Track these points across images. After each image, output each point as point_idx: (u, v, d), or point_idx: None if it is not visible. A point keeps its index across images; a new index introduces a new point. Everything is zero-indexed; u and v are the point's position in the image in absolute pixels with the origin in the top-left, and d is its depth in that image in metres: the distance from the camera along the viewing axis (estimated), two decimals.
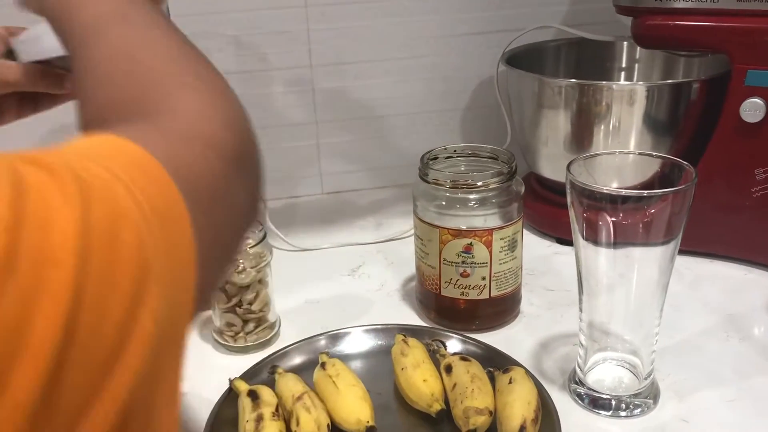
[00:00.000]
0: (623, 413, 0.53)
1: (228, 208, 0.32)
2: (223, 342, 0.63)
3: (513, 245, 0.62)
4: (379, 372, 0.58)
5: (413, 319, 0.67)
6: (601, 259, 0.51)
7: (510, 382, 0.51)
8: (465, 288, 0.62)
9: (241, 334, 0.62)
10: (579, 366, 0.55)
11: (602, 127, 0.74)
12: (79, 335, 0.20)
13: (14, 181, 0.21)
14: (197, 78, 0.36)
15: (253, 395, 0.51)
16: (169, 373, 0.25)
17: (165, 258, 0.24)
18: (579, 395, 0.55)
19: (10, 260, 0.19)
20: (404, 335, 0.59)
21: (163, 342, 0.24)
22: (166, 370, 0.25)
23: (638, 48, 0.87)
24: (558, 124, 0.76)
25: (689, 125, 0.74)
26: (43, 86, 0.55)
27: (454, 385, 0.52)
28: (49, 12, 0.42)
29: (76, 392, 0.20)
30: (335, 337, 0.61)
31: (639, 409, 0.53)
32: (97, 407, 0.21)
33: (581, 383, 0.55)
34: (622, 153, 0.56)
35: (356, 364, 0.59)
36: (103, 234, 0.22)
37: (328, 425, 0.50)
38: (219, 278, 0.34)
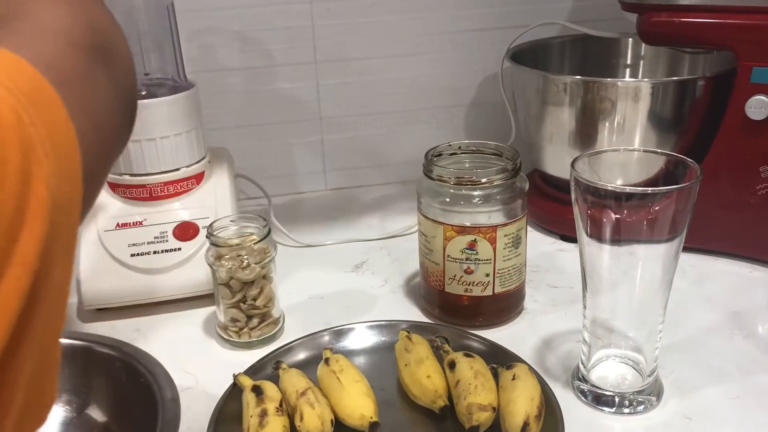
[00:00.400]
0: (626, 410, 0.53)
1: (99, 98, 0.34)
2: (227, 337, 0.63)
3: (517, 242, 0.62)
4: (383, 368, 0.58)
5: (417, 315, 0.67)
6: (605, 256, 0.51)
7: (513, 379, 0.51)
8: (469, 285, 0.62)
9: (245, 330, 0.62)
10: (582, 363, 0.55)
11: (607, 124, 0.74)
12: None
13: None
14: None
15: (257, 390, 0.52)
16: (63, 255, 0.27)
17: (46, 135, 0.26)
18: (582, 392, 0.55)
19: None
20: (408, 331, 0.59)
21: (58, 213, 0.25)
22: (61, 248, 0.26)
23: (643, 45, 0.87)
24: (562, 121, 0.76)
25: (694, 122, 0.74)
26: None
27: (458, 381, 0.52)
28: None
29: None
30: (339, 333, 0.61)
31: (642, 406, 0.53)
32: (8, 273, 0.23)
33: (584, 380, 0.55)
34: (627, 150, 0.56)
35: (360, 360, 0.59)
36: None
37: (331, 421, 0.50)
38: (104, 166, 0.35)
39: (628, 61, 0.90)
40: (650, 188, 0.47)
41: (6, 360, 0.23)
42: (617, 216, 0.48)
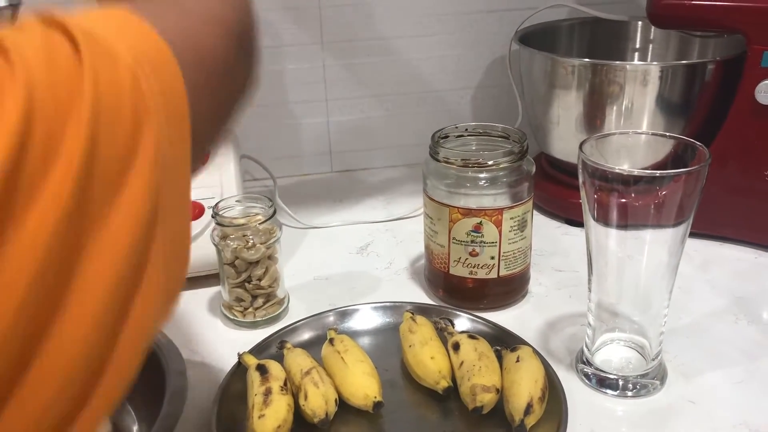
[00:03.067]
0: (630, 393, 0.53)
1: (228, 79, 0.35)
2: (232, 317, 0.63)
3: (523, 225, 0.62)
4: (387, 349, 0.58)
5: (421, 297, 0.67)
6: (611, 240, 0.51)
7: (517, 361, 0.52)
8: (474, 267, 0.62)
9: (250, 310, 0.63)
10: (587, 346, 0.55)
11: (615, 107, 0.73)
12: (99, 146, 0.24)
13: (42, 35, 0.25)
14: None
15: (262, 369, 0.52)
16: (175, 210, 0.29)
17: (161, 100, 0.27)
18: (586, 375, 0.55)
19: (50, 73, 0.23)
20: (412, 313, 0.59)
21: (166, 171, 0.27)
22: (171, 202, 0.28)
23: (653, 28, 0.86)
24: (570, 104, 0.76)
25: (703, 106, 0.73)
26: None
27: (462, 362, 0.53)
28: None
29: (105, 188, 0.24)
30: (344, 314, 0.61)
31: (646, 390, 0.53)
32: (122, 198, 0.25)
33: (588, 363, 0.55)
34: (635, 133, 0.56)
35: (364, 341, 0.59)
36: (105, 70, 0.25)
37: (335, 400, 0.51)
38: (214, 138, 0.37)
39: (638, 45, 0.89)
40: (658, 171, 0.47)
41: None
42: (624, 200, 0.48)
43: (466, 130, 0.65)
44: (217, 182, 0.70)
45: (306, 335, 0.59)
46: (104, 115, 0.24)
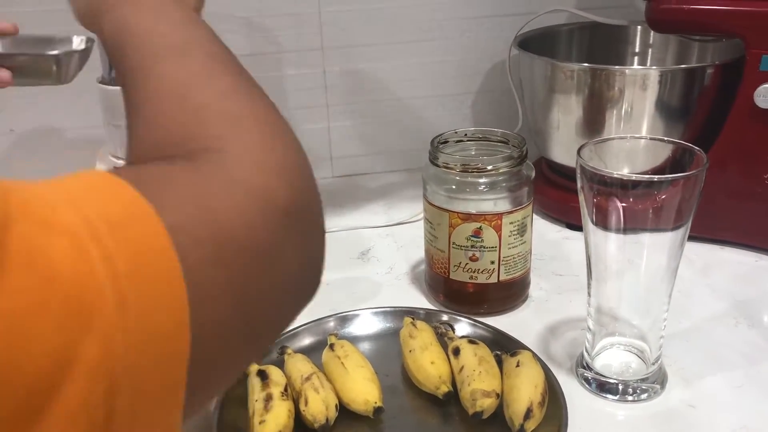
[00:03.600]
0: (630, 398, 0.53)
1: (269, 268, 0.27)
2: None
3: (522, 230, 0.62)
4: (387, 354, 0.58)
5: (422, 302, 0.67)
6: (611, 244, 0.51)
7: (517, 366, 0.52)
8: (474, 272, 0.62)
9: None
10: (587, 350, 0.55)
11: (614, 112, 0.73)
12: None
13: None
14: (254, 118, 0.32)
15: (263, 375, 0.52)
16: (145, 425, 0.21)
17: (130, 283, 0.20)
18: (586, 379, 0.55)
19: None
20: (412, 318, 0.59)
21: (130, 375, 0.20)
22: (141, 413, 0.21)
23: (652, 32, 0.86)
24: (570, 108, 0.76)
25: (702, 111, 0.73)
26: None
27: (462, 367, 0.53)
28: (106, 33, 0.39)
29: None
30: (344, 319, 0.61)
31: (646, 394, 0.53)
32: None
33: (589, 367, 0.55)
34: (634, 138, 0.56)
35: (365, 346, 0.59)
36: (19, 254, 0.18)
37: (336, 405, 0.51)
38: (246, 350, 0.27)
39: (637, 49, 0.89)
40: (656, 176, 0.47)
41: None
42: (623, 204, 0.48)
43: (466, 135, 0.66)
44: None
45: (306, 340, 0.60)
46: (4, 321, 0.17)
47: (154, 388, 0.21)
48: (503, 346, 0.56)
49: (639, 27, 0.88)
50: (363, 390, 0.51)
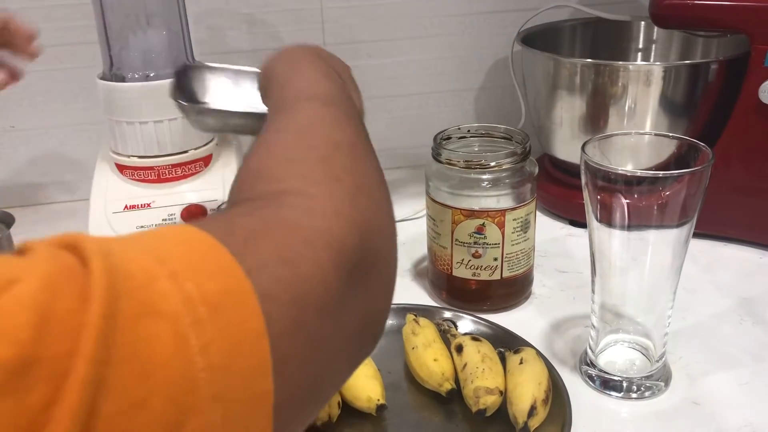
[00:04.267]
0: (634, 395, 0.53)
1: (334, 323, 0.26)
2: None
3: (526, 226, 0.62)
4: (390, 351, 0.58)
5: (424, 299, 0.67)
6: (615, 241, 0.50)
7: (521, 363, 0.51)
8: (477, 269, 0.62)
9: None
10: (590, 347, 0.55)
11: (618, 108, 0.73)
12: None
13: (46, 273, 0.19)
14: (352, 171, 0.32)
15: None
16: None
17: (221, 363, 0.20)
18: (590, 377, 0.55)
19: (17, 376, 0.17)
20: (415, 315, 0.59)
21: None
22: None
23: (656, 28, 0.86)
24: (573, 104, 0.76)
25: (706, 106, 0.73)
26: None
27: (465, 364, 0.52)
28: (270, 82, 0.43)
29: None
30: None
31: (650, 392, 0.53)
32: None
33: (592, 365, 0.55)
34: (638, 134, 0.56)
35: None
36: (130, 338, 0.19)
37: (338, 403, 0.50)
38: (302, 424, 0.26)
39: (640, 45, 0.89)
40: (661, 172, 0.47)
41: None
42: (627, 201, 0.48)
43: (469, 131, 0.65)
44: (219, 184, 0.70)
45: None
46: (107, 426, 0.18)
47: None
48: (506, 343, 0.56)
49: (642, 22, 0.88)
50: (366, 387, 0.51)
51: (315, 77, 0.41)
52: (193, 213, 0.68)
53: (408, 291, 0.68)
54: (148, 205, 0.68)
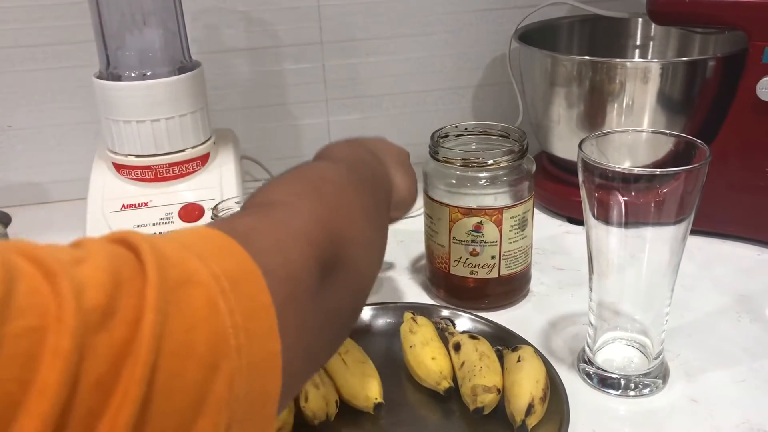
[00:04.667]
0: (632, 393, 0.53)
1: (315, 305, 0.32)
2: None
3: (523, 224, 0.61)
4: (388, 349, 0.58)
5: (422, 297, 0.67)
6: (612, 238, 0.50)
7: (518, 361, 0.51)
8: (474, 267, 0.62)
9: None
10: (588, 345, 0.55)
11: (615, 105, 0.73)
12: (157, 393, 0.22)
13: (112, 254, 0.24)
14: (337, 196, 0.39)
15: None
16: None
17: (242, 324, 0.25)
18: (588, 374, 0.55)
19: (106, 318, 0.22)
20: (413, 313, 0.59)
21: (243, 407, 0.25)
22: None
23: (653, 25, 0.86)
24: (570, 102, 0.76)
25: (704, 103, 0.73)
26: None
27: (463, 363, 0.52)
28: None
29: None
30: None
31: (648, 389, 0.53)
32: None
33: (590, 362, 0.55)
34: (635, 131, 0.56)
35: (365, 342, 0.59)
36: (177, 298, 0.24)
37: (336, 402, 0.50)
38: (300, 384, 0.33)
39: (638, 42, 0.89)
40: (658, 170, 0.47)
41: None
42: (625, 198, 0.48)
43: (466, 129, 0.65)
44: (216, 183, 0.70)
45: None
46: (167, 360, 0.22)
47: (256, 421, 0.26)
48: (504, 341, 0.56)
49: (640, 19, 0.87)
50: (363, 386, 0.51)
51: (344, 152, 0.49)
52: (191, 212, 0.68)
53: (406, 289, 0.68)
54: (146, 204, 0.68)
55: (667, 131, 0.53)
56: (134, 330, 0.22)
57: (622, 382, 0.53)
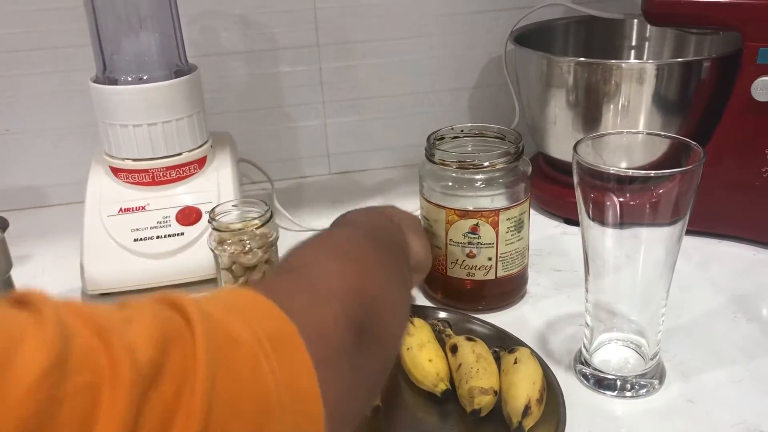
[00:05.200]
0: (628, 393, 0.53)
1: (350, 366, 0.33)
2: None
3: (520, 226, 0.62)
4: None
5: (419, 299, 0.67)
6: (608, 239, 0.51)
7: (515, 363, 0.51)
8: (471, 268, 0.62)
9: None
10: (585, 346, 0.55)
11: (611, 106, 0.73)
12: None
13: (158, 315, 0.25)
14: (363, 261, 0.41)
15: None
16: None
17: (285, 384, 0.26)
18: (584, 375, 0.55)
19: (159, 371, 0.22)
20: (410, 315, 0.59)
21: None
22: None
23: (648, 26, 0.86)
24: (566, 103, 0.76)
25: (699, 104, 0.73)
26: None
27: (460, 365, 0.52)
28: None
29: None
30: None
31: (644, 390, 0.53)
32: None
33: (587, 363, 0.55)
34: (630, 133, 0.56)
35: None
36: (224, 356, 0.25)
37: None
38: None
39: (633, 43, 0.89)
40: (653, 171, 0.47)
41: None
42: (620, 199, 0.48)
43: (462, 131, 0.65)
44: (214, 186, 0.70)
45: None
46: (218, 415, 0.23)
47: None
48: (501, 342, 0.56)
49: (635, 20, 0.88)
50: None
51: (362, 219, 0.52)
52: (188, 215, 0.68)
53: None
54: (143, 207, 0.68)
55: (662, 133, 0.53)
56: (185, 385, 0.23)
57: (619, 383, 0.53)
